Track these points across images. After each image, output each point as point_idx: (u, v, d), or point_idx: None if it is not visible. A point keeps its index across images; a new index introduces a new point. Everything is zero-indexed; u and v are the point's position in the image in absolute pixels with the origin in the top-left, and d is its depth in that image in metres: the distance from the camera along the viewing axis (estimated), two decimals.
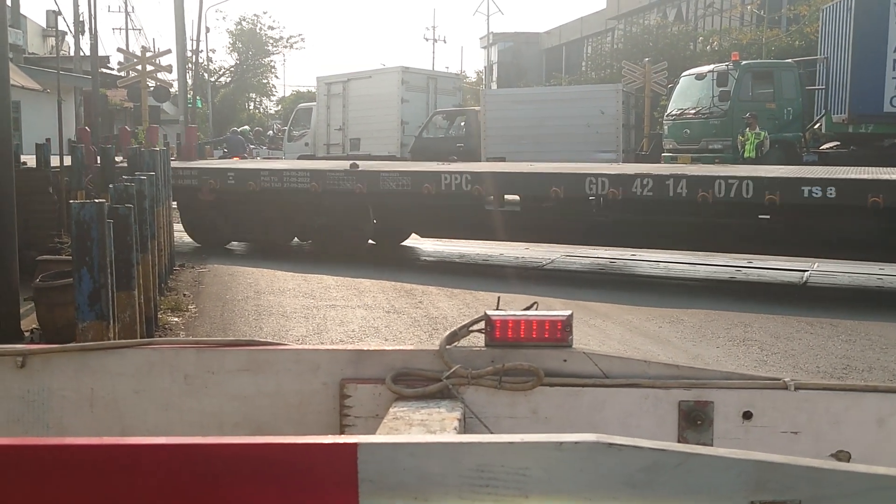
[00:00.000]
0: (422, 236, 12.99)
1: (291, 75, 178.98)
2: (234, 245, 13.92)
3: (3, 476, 1.42)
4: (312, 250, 12.75)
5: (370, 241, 12.67)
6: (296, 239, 13.35)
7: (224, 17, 64.23)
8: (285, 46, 55.96)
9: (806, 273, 10.85)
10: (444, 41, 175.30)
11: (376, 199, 11.57)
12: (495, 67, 53.94)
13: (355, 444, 1.44)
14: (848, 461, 2.18)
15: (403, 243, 13.75)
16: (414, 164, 13.80)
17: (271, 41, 55.33)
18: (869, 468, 1.46)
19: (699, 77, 20.12)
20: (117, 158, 12.78)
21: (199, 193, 12.51)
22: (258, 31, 54.63)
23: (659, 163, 20.58)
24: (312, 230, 12.54)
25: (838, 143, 18.82)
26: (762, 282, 10.67)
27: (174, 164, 14.02)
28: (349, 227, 12.07)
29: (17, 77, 19.68)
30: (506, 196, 11.23)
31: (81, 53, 31.65)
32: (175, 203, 13.27)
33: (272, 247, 12.85)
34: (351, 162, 12.00)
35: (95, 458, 1.45)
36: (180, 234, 13.43)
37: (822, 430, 2.27)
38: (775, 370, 6.39)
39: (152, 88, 29.27)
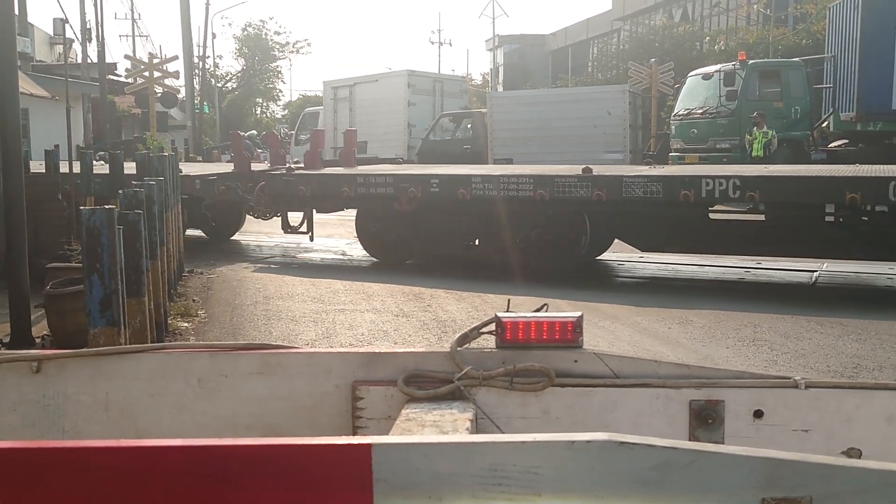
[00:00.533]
0: (642, 250, 11.54)
1: (298, 80, 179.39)
2: (246, 253, 13.95)
3: (20, 479, 1.44)
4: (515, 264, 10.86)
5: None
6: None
7: (230, 24, 64.69)
8: (291, 51, 56.23)
9: (815, 273, 10.82)
10: (450, 44, 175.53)
11: (596, 207, 10.28)
12: (501, 70, 54.01)
13: (369, 445, 1.46)
14: (859, 458, 2.19)
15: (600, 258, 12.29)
16: (642, 168, 11.92)
17: (277, 46, 55.57)
18: (879, 464, 1.46)
19: (706, 77, 20.12)
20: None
21: (396, 203, 11.18)
22: (264, 36, 54.87)
23: (666, 163, 20.59)
24: (526, 244, 10.97)
25: (846, 140, 18.80)
26: (771, 282, 10.65)
27: (361, 169, 13.10)
28: (562, 240, 10.84)
29: (25, 85, 19.80)
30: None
31: (89, 60, 31.81)
32: (355, 212, 12.37)
33: (473, 264, 11.40)
34: (584, 167, 10.99)
35: (110, 460, 1.47)
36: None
37: (832, 427, 2.27)
38: (786, 370, 6.38)
39: (160, 94, 29.45)
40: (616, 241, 11.48)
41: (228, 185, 12.96)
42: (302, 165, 13.44)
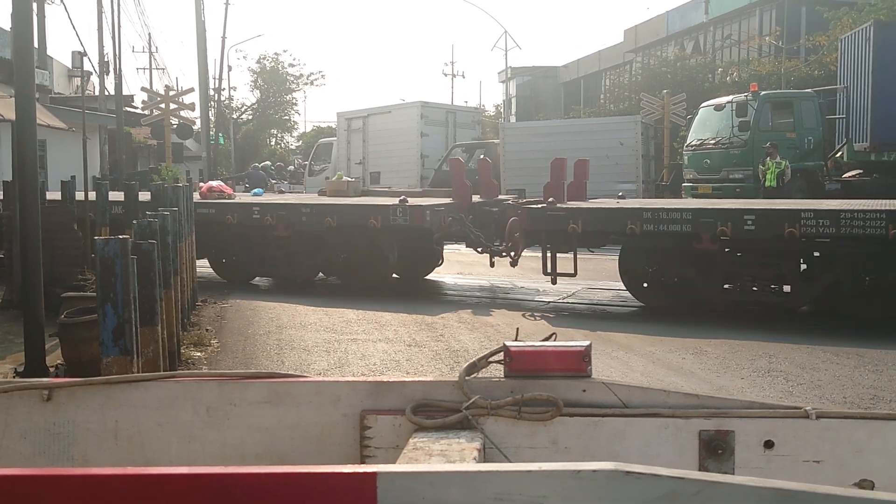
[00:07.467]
0: None
1: (312, 111, 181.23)
2: (257, 280, 13.98)
3: None
4: None
5: None
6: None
7: (245, 56, 65.14)
8: (306, 83, 56.71)
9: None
10: (463, 76, 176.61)
11: None
12: (514, 101, 54.27)
13: (374, 474, 1.46)
14: (871, 490, 2.16)
15: None
16: None
17: (292, 78, 56.08)
18: (892, 496, 1.44)
19: (718, 108, 20.15)
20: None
21: (695, 242, 9.81)
22: (279, 69, 55.40)
23: (680, 194, 20.60)
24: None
25: (861, 171, 18.76)
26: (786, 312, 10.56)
27: (649, 202, 11.94)
28: None
29: (43, 116, 20.01)
30: None
31: (106, 93, 32.17)
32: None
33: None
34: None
35: (118, 487, 1.47)
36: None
37: (844, 459, 2.25)
38: (801, 401, 6.32)
39: (176, 126, 29.74)
40: None
41: (454, 217, 11.64)
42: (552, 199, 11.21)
